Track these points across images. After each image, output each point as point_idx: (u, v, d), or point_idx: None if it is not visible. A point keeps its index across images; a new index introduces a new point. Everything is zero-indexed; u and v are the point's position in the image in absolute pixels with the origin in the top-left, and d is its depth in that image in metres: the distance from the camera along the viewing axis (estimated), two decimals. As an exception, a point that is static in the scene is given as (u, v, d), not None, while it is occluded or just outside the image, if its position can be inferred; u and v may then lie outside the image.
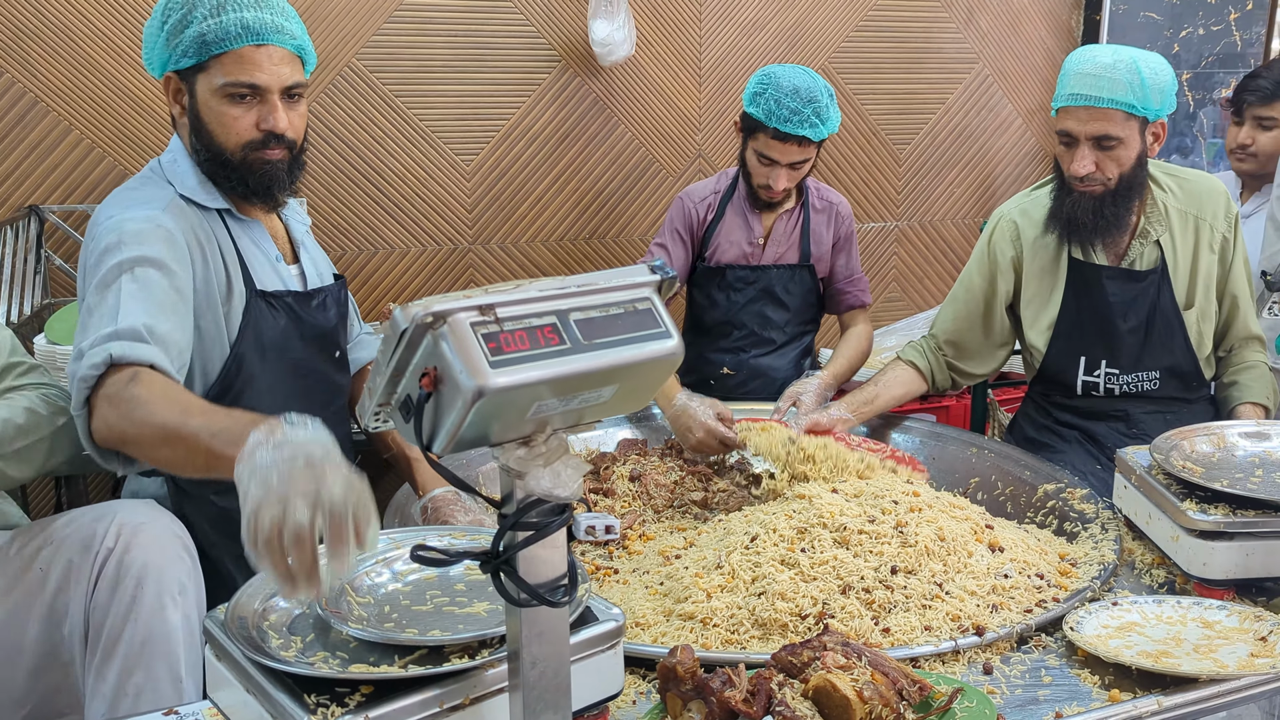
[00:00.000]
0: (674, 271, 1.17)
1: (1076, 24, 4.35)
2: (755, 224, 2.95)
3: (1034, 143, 4.37)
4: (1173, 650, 1.56)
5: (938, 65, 4.13)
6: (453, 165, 3.53)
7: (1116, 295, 2.47)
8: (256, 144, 1.92)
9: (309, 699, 1.20)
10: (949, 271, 4.33)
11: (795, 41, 3.88)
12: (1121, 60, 2.31)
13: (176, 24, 1.87)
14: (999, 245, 2.59)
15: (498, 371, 1.01)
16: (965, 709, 1.38)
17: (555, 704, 1.20)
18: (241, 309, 1.96)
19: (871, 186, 4.14)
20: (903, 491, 1.99)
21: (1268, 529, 1.73)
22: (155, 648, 1.76)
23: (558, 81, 3.59)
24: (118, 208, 1.89)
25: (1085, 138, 2.35)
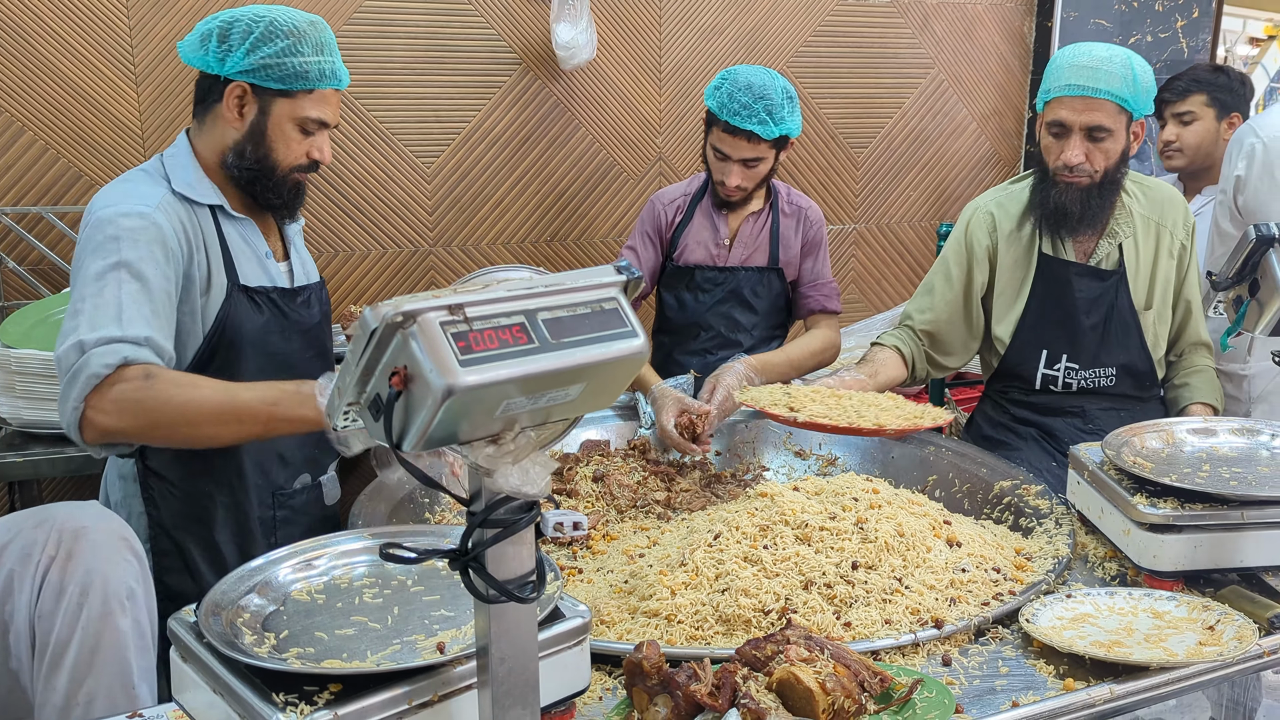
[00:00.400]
0: (640, 272, 1.19)
1: (1029, 30, 4.43)
2: (721, 225, 2.95)
3: (988, 147, 4.45)
4: (1124, 640, 1.60)
5: (894, 70, 4.19)
6: (413, 167, 3.52)
7: (1083, 292, 2.54)
8: (302, 168, 2.10)
9: (278, 697, 1.21)
10: (906, 273, 4.39)
11: (754, 46, 3.92)
12: (1116, 55, 2.39)
13: (279, 50, 1.99)
14: (976, 235, 2.64)
15: (467, 370, 1.02)
16: (925, 699, 1.41)
17: (523, 700, 1.21)
18: (220, 301, 2.03)
19: (830, 189, 4.19)
20: (863, 489, 2.03)
21: (1215, 522, 1.78)
22: (105, 655, 1.74)
23: (518, 84, 3.60)
24: (115, 197, 1.97)
25: (1079, 128, 2.41)
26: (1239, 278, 1.59)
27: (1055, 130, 2.46)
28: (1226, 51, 5.85)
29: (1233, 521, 1.78)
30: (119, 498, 2.12)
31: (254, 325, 2.07)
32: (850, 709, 1.36)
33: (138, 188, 2.01)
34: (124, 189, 2.01)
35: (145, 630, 1.79)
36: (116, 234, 1.91)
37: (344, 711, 1.20)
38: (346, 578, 1.46)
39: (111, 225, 1.92)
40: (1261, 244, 1.55)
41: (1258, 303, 1.58)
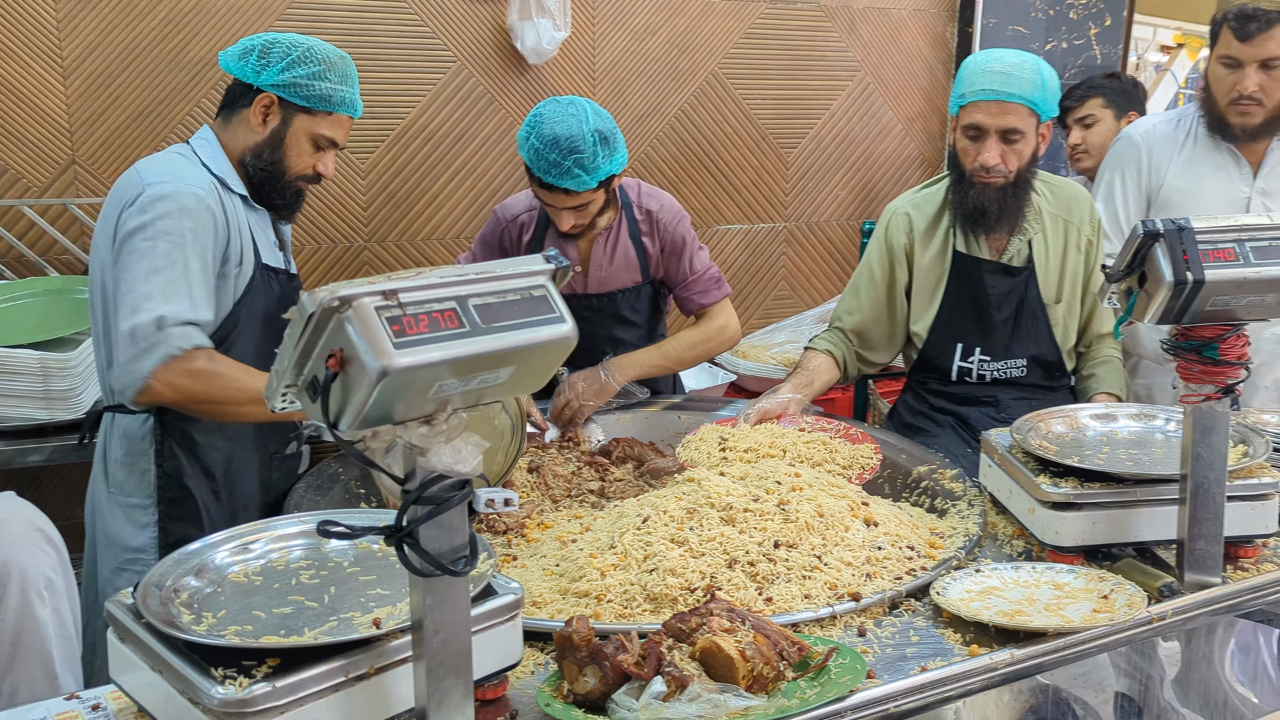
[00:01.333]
0: (567, 261, 1.25)
1: (951, 36, 4.57)
2: (570, 250, 2.79)
3: (913, 148, 4.58)
4: (1026, 609, 1.70)
5: (822, 72, 4.30)
6: (348, 163, 3.54)
7: (994, 288, 2.66)
8: (306, 178, 2.35)
9: (216, 672, 1.25)
10: (834, 270, 4.51)
11: (685, 47, 4.00)
12: (1026, 61, 2.54)
13: (310, 74, 2.25)
14: (895, 236, 2.75)
15: (401, 352, 1.08)
16: (839, 666, 1.50)
17: (456, 670, 1.27)
18: (249, 276, 2.26)
19: (760, 189, 4.29)
20: (785, 473, 2.11)
21: (1111, 500, 1.90)
22: (26, 646, 1.76)
23: (453, 81, 3.63)
24: (168, 175, 2.17)
25: (995, 130, 2.53)
26: (1129, 270, 1.69)
27: (972, 133, 2.57)
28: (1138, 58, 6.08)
29: (1127, 499, 1.89)
30: (120, 455, 2.25)
31: (269, 301, 2.30)
32: (769, 675, 1.44)
33: (187, 169, 2.21)
34: (174, 169, 2.19)
35: (66, 619, 1.81)
36: (179, 212, 2.11)
37: (281, 684, 1.24)
38: (283, 560, 1.50)
39: (173, 202, 2.11)
40: (1148, 239, 1.66)
41: (1146, 293, 1.69)
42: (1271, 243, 1.68)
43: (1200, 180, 2.93)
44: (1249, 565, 1.94)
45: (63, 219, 3.18)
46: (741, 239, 4.29)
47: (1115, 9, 4.76)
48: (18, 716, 1.42)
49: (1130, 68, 5.09)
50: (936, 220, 2.72)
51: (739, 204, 4.26)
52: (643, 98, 3.95)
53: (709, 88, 4.09)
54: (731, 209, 4.24)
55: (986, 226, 2.64)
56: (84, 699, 1.47)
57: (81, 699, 1.47)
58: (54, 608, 1.79)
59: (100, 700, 1.46)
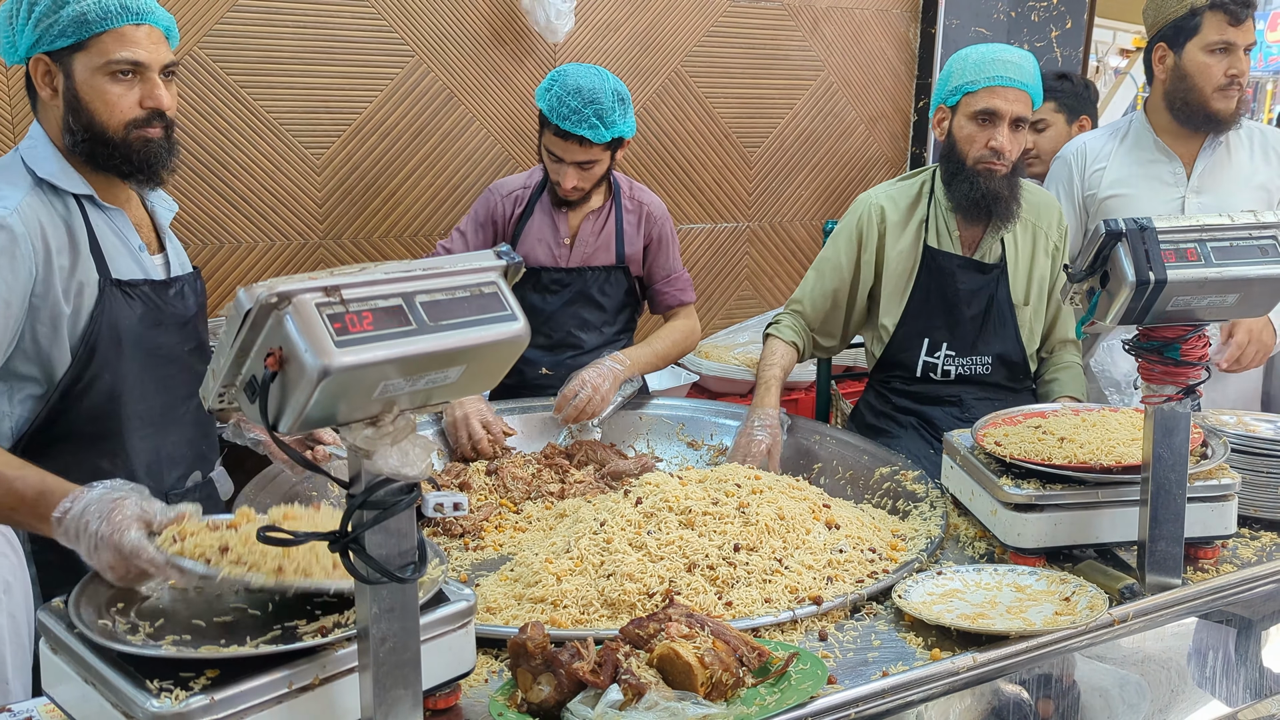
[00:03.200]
0: (519, 258, 1.21)
1: (914, 36, 4.57)
2: (562, 224, 2.91)
3: (876, 148, 4.58)
4: (988, 612, 1.69)
5: (785, 71, 4.29)
6: (302, 159, 3.47)
7: (965, 284, 2.66)
8: (140, 122, 1.93)
9: (152, 684, 1.19)
10: (797, 270, 4.49)
11: (648, 44, 3.97)
12: (1026, 55, 2.58)
13: (48, 7, 1.87)
14: (866, 228, 2.73)
15: (343, 351, 1.03)
16: (800, 671, 1.47)
17: (405, 680, 1.23)
18: (94, 298, 1.94)
19: (724, 187, 4.26)
20: (745, 475, 2.08)
21: (1073, 501, 1.89)
22: None
23: (410, 76, 3.57)
24: None
25: (1009, 116, 2.54)
26: (1091, 269, 1.68)
27: (983, 118, 2.56)
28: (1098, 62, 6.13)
29: (1089, 500, 1.88)
30: None
31: (130, 320, 1.99)
32: (728, 682, 1.41)
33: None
34: None
35: (21, 625, 1.75)
36: None
37: (220, 696, 1.19)
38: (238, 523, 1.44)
39: None
40: (1111, 238, 1.65)
41: (1108, 293, 1.68)
42: (1233, 243, 1.68)
43: (1135, 187, 2.99)
44: (1208, 566, 1.94)
45: None
46: (704, 238, 4.26)
47: (1076, 12, 4.79)
48: (-57, 732, 1.36)
49: (1090, 71, 5.13)
50: (910, 214, 2.72)
51: (702, 203, 4.23)
52: (604, 95, 3.91)
53: (671, 85, 4.05)
54: (694, 208, 4.21)
55: (1001, 211, 2.61)
56: (15, 712, 1.41)
57: (13, 712, 1.41)
58: (9, 612, 1.73)
59: (33, 713, 1.40)
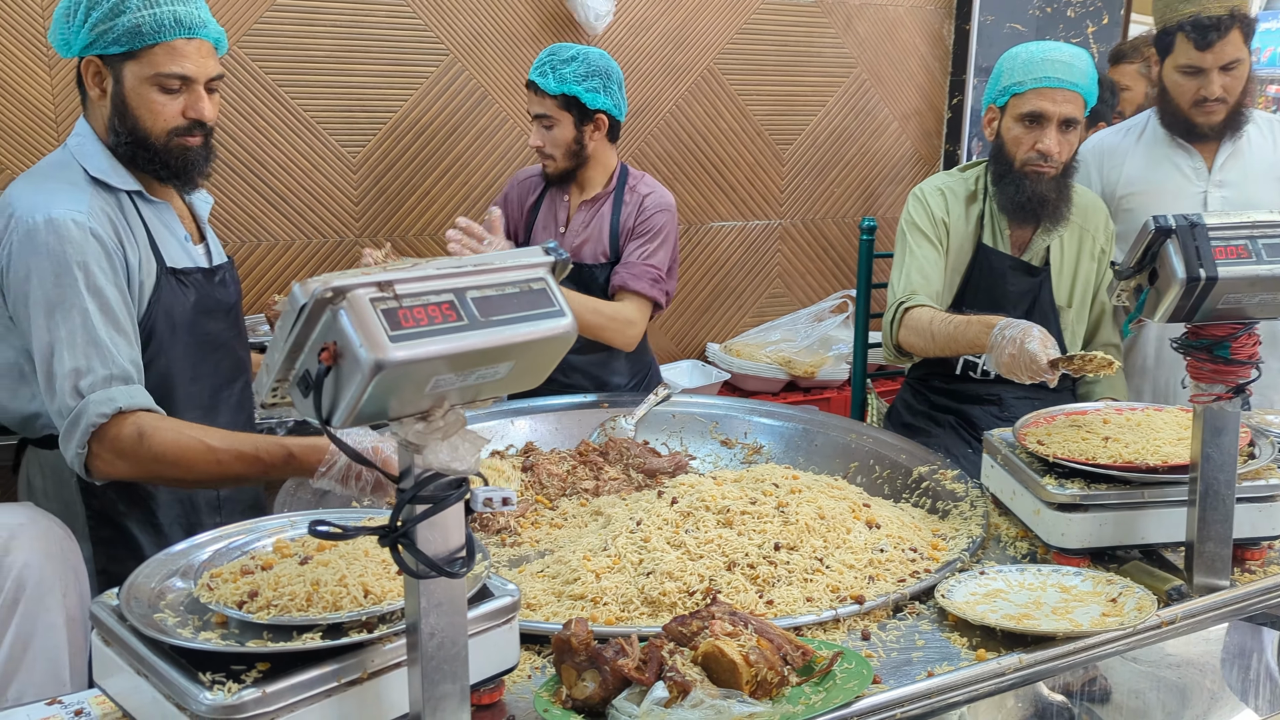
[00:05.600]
0: (567, 254, 1.21)
1: (948, 33, 4.54)
2: (561, 210, 2.98)
3: (909, 145, 4.55)
4: (1033, 613, 1.67)
5: (818, 69, 4.27)
6: (339, 157, 3.49)
7: (1013, 285, 2.63)
8: (180, 130, 2.01)
9: (204, 676, 1.20)
10: (830, 268, 4.48)
11: (681, 42, 3.96)
12: (1079, 53, 2.52)
13: (107, 12, 1.92)
14: (935, 212, 2.68)
15: (396, 345, 1.04)
16: (845, 670, 1.46)
17: (453, 675, 1.23)
18: (152, 286, 2.02)
19: (755, 185, 4.25)
20: (783, 475, 2.07)
21: (1118, 501, 1.86)
22: (37, 651, 1.74)
23: (445, 75, 3.59)
24: (42, 202, 1.91)
25: (1057, 118, 2.50)
26: (1139, 267, 1.66)
27: (1030, 121, 2.53)
28: (1135, 57, 6.06)
29: (1135, 500, 1.86)
30: (45, 487, 2.06)
31: (183, 307, 2.07)
32: (773, 680, 1.40)
33: (61, 190, 1.95)
34: (48, 191, 1.94)
35: (79, 627, 1.79)
36: (63, 250, 1.87)
37: (271, 689, 1.20)
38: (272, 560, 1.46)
39: (55, 238, 1.87)
40: (1160, 235, 1.63)
41: (1156, 290, 1.66)
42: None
43: (1155, 181, 2.94)
44: (1255, 568, 1.91)
45: (48, 211, 3.12)
46: (736, 236, 4.26)
47: (1113, 7, 4.74)
48: (-3, 722, 1.37)
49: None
50: (967, 208, 2.68)
51: (733, 201, 4.22)
52: (637, 92, 3.91)
53: (704, 83, 4.05)
54: (726, 206, 4.21)
55: (1049, 214, 2.57)
56: (66, 704, 1.42)
57: (64, 704, 1.42)
58: (69, 615, 1.78)
59: (84, 705, 1.42)
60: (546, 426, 2.70)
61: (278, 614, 1.28)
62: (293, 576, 1.33)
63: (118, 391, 1.86)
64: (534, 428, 2.69)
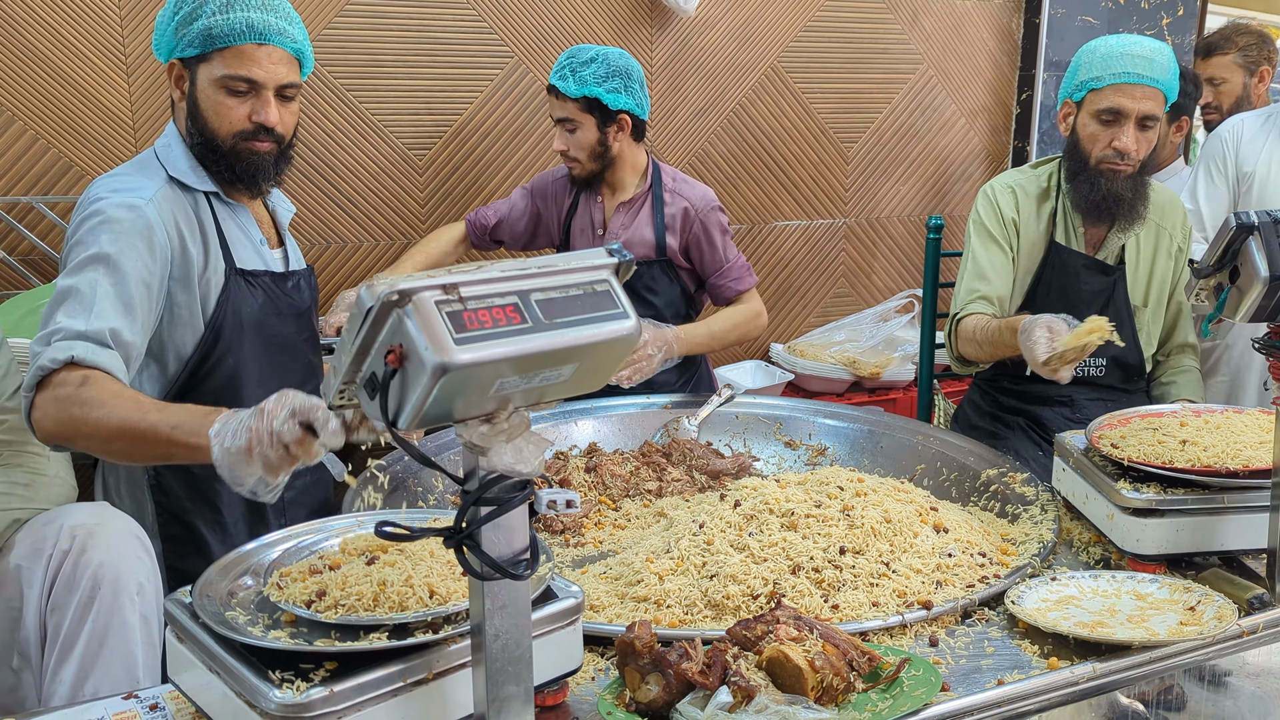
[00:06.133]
0: (630, 255, 1.20)
1: (1017, 27, 4.46)
2: (596, 214, 2.96)
3: (977, 142, 4.47)
4: (1108, 621, 1.63)
5: (883, 66, 4.22)
6: (405, 159, 3.53)
7: (1087, 285, 2.57)
8: (247, 134, 2.03)
9: (274, 675, 1.22)
10: (895, 267, 4.42)
11: (744, 40, 3.94)
12: (1162, 46, 2.45)
13: (187, 16, 1.98)
14: (1006, 211, 2.63)
15: (462, 348, 1.04)
16: (912, 677, 1.43)
17: (517, 677, 1.23)
18: (220, 286, 2.05)
19: (820, 183, 4.21)
20: (848, 478, 2.05)
21: (1196, 506, 1.81)
22: (113, 647, 1.77)
23: (510, 76, 3.61)
24: (106, 191, 1.97)
25: (1135, 115, 2.43)
26: (1219, 265, 1.61)
27: (1107, 117, 2.46)
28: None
29: (1214, 505, 1.80)
30: (119, 486, 2.12)
31: (251, 308, 2.10)
32: (839, 686, 1.38)
33: (131, 181, 2.01)
34: (116, 183, 2.00)
35: (153, 624, 1.82)
36: (100, 226, 1.90)
37: (340, 688, 1.21)
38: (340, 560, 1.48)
39: (98, 217, 1.91)
40: (1242, 232, 1.57)
41: (1238, 289, 1.60)
42: (1376, 237, 1.59)
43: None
44: (1343, 576, 1.85)
45: (125, 216, 3.21)
46: (799, 235, 4.22)
47: (1189, -3, 4.61)
48: (78, 714, 1.41)
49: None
50: (1039, 206, 2.62)
51: (797, 199, 4.19)
52: (700, 92, 3.90)
53: (768, 81, 4.02)
54: (789, 205, 4.17)
55: (1125, 213, 2.51)
56: (142, 698, 1.46)
57: (140, 698, 1.46)
58: (143, 613, 1.82)
59: (158, 700, 1.45)
60: (610, 427, 2.71)
61: (345, 614, 1.29)
62: (360, 576, 1.34)
63: (80, 345, 1.76)
64: (597, 428, 2.70)
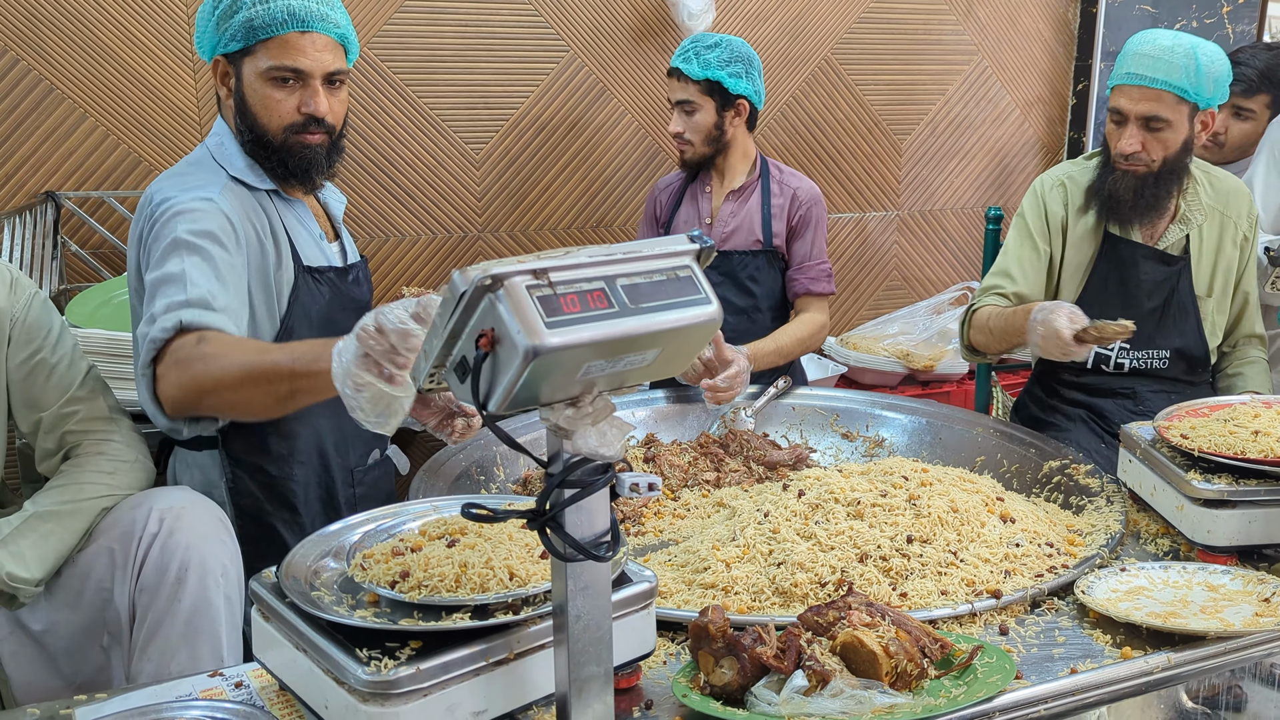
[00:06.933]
0: (711, 241, 1.22)
1: (1073, 17, 4.41)
2: (704, 204, 2.98)
3: (1032, 134, 4.43)
4: (1180, 611, 1.61)
5: (937, 57, 4.19)
6: (462, 154, 3.57)
7: (1147, 275, 2.54)
8: (297, 127, 1.99)
9: (361, 652, 1.25)
10: (949, 260, 4.39)
11: (797, 33, 3.93)
12: (1181, 44, 2.38)
13: (226, 9, 1.95)
14: (1052, 207, 2.62)
15: (552, 332, 1.06)
16: (985, 665, 1.44)
17: (598, 657, 1.25)
18: (290, 284, 2.05)
19: (874, 176, 4.20)
20: (912, 468, 2.05)
21: (1269, 497, 1.79)
22: (199, 627, 1.81)
23: (565, 71, 3.63)
24: (174, 190, 1.95)
25: (1135, 117, 2.42)
26: (1299, 253, 1.59)
27: (1116, 118, 2.46)
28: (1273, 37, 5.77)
29: (1288, 497, 1.78)
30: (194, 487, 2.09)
31: (319, 305, 2.10)
32: (912, 672, 1.39)
33: (195, 178, 1.99)
34: (180, 182, 1.98)
35: (236, 607, 1.86)
36: (176, 218, 1.88)
37: (425, 666, 1.24)
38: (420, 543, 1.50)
39: (172, 211, 1.90)
40: (1323, 219, 1.55)
41: (1318, 278, 1.59)
42: None
43: None
44: None
45: (191, 209, 3.27)
46: (852, 228, 4.21)
47: (1251, -15, 4.54)
48: (166, 691, 1.45)
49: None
50: (1091, 197, 2.60)
51: (850, 192, 4.18)
52: (754, 85, 3.90)
53: (821, 74, 4.01)
54: (842, 197, 4.16)
55: (1121, 215, 2.52)
56: (227, 676, 1.50)
57: (225, 676, 1.50)
58: (227, 594, 1.85)
59: (243, 677, 1.49)
60: (665, 418, 2.73)
61: (428, 594, 1.32)
62: (441, 558, 1.37)
63: (186, 311, 1.75)
64: (654, 419, 2.71)
